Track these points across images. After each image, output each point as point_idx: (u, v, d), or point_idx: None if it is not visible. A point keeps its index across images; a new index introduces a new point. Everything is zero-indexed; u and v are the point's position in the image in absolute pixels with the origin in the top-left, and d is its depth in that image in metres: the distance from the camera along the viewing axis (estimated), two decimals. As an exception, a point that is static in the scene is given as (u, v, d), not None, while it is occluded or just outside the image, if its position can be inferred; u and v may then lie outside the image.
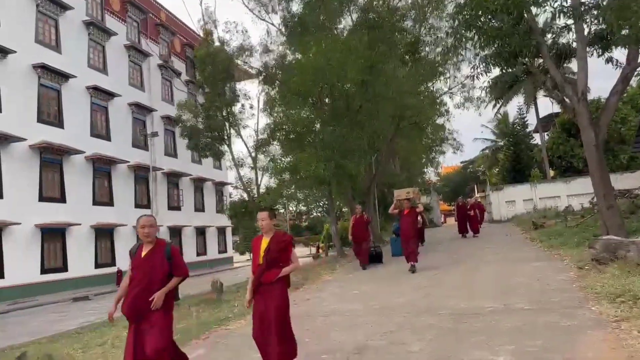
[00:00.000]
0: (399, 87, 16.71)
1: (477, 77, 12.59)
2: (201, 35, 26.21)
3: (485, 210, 23.02)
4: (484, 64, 12.31)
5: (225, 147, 19.64)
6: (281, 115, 17.29)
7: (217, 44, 20.41)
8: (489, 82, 16.53)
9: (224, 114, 17.84)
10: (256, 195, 19.16)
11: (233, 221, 21.72)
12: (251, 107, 20.57)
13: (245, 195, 20.73)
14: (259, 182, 19.56)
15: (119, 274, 25.36)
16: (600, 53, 12.36)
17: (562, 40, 14.07)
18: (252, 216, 18.44)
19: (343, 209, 32.52)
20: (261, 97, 19.42)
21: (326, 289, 10.90)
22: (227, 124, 18.25)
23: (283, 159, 18.21)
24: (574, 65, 24.76)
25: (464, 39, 11.72)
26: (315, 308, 8.27)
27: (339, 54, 14.27)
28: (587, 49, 12.21)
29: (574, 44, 12.48)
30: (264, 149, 19.20)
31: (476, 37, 11.39)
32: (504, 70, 14.72)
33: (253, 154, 19.31)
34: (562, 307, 6.31)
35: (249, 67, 20.00)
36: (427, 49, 20.75)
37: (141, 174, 31.35)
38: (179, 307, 10.00)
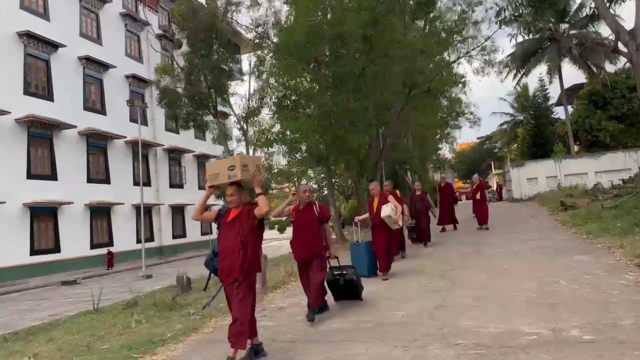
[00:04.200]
0: (409, 46, 14.51)
1: (503, 23, 10.52)
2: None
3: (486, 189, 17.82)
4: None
5: (210, 117, 17.66)
6: (272, 82, 15.23)
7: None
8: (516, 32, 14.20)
9: (208, 78, 15.83)
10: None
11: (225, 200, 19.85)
12: (241, 73, 18.51)
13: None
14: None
15: (110, 256, 24.03)
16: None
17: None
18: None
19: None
20: (252, 60, 17.40)
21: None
22: (212, 91, 16.25)
23: (271, 130, 16.24)
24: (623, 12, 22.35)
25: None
26: (286, 324, 6.20)
27: (336, 2, 12.16)
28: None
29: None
30: (253, 119, 17.14)
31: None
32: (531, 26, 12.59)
33: (243, 125, 17.25)
34: (641, 336, 4.31)
35: (237, 24, 17.98)
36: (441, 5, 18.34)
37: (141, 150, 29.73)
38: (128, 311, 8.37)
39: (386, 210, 8.56)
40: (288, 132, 14.55)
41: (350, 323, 5.97)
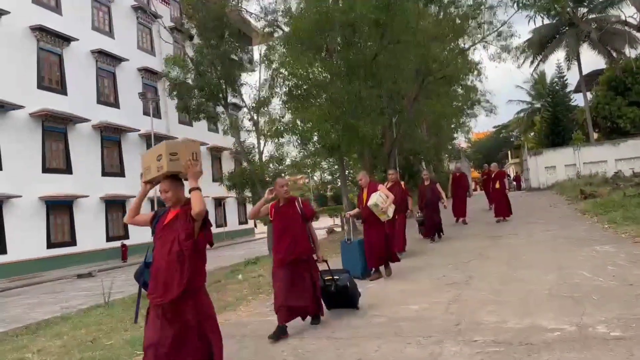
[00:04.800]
0: (422, 32, 14.04)
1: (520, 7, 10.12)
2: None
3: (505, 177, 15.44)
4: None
5: (221, 109, 17.41)
6: (282, 71, 14.90)
7: None
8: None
9: (218, 69, 15.59)
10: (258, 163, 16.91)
11: (237, 193, 19.64)
12: (250, 63, 18.21)
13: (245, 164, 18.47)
14: (261, 149, 17.38)
15: (124, 248, 24.12)
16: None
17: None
18: (254, 187, 16.43)
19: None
20: (262, 49, 17.07)
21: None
22: (222, 81, 16.02)
23: (282, 120, 15.92)
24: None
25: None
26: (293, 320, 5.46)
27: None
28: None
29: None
30: (264, 109, 16.82)
31: None
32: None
33: (254, 115, 16.95)
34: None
35: (247, 13, 17.66)
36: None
37: (155, 142, 29.76)
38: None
39: (373, 198, 7.60)
40: (298, 122, 14.27)
41: (361, 318, 5.70)
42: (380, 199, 7.58)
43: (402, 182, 10.52)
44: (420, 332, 4.79)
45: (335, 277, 5.96)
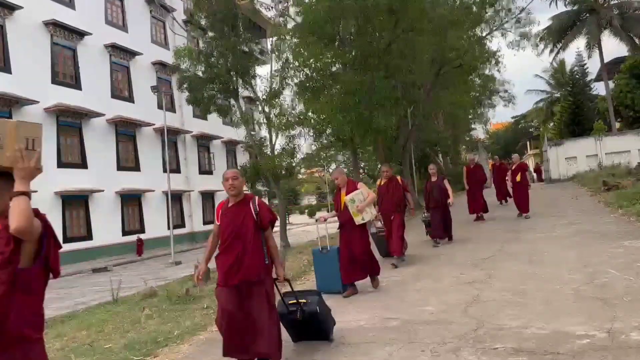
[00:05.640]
0: (438, 19, 13.53)
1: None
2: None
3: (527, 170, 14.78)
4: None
5: (232, 101, 17.11)
6: (294, 62, 14.50)
7: None
8: None
9: (228, 60, 15.29)
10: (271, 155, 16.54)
11: (249, 187, 19.32)
12: (261, 54, 17.87)
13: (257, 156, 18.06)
14: (274, 142, 17.01)
15: (139, 242, 24.15)
16: None
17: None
18: (266, 180, 16.17)
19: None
20: (273, 39, 16.71)
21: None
22: (233, 73, 15.74)
23: (293, 111, 15.53)
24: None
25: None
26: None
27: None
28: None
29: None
30: (275, 100, 16.40)
31: None
32: None
33: (265, 107, 16.60)
34: None
35: (257, 2, 17.28)
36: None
37: (169, 137, 29.66)
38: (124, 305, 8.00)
39: (351, 194, 6.67)
40: (310, 114, 13.92)
41: (372, 320, 5.33)
42: (358, 195, 6.67)
43: (399, 177, 9.09)
44: (436, 338, 4.46)
45: (301, 300, 4.65)
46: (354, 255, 6.68)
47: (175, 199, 29.98)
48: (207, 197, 33.81)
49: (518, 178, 13.53)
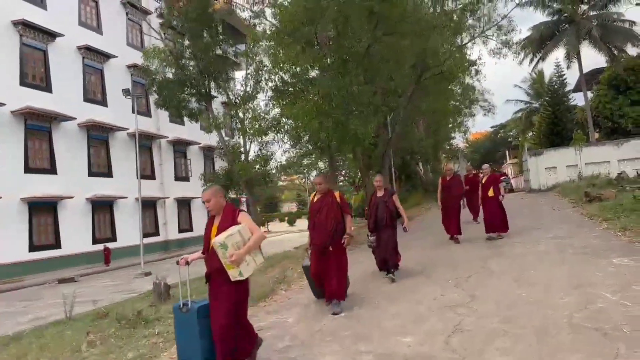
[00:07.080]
0: (419, 22, 13.12)
1: None
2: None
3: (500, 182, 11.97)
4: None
5: (203, 105, 16.49)
6: (268, 65, 13.98)
7: None
8: None
9: (200, 62, 14.70)
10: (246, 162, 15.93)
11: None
12: (235, 57, 17.29)
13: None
14: (247, 148, 16.43)
15: (107, 251, 23.25)
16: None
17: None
18: (239, 188, 15.60)
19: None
20: (247, 42, 16.22)
21: (299, 303, 7.19)
22: (205, 76, 15.14)
23: (267, 116, 14.94)
24: None
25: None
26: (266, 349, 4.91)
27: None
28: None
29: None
30: (248, 105, 15.82)
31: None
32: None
33: (238, 112, 16.02)
34: None
35: (233, 4, 16.76)
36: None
37: (143, 142, 28.84)
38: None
39: (223, 235, 4.25)
40: (284, 119, 13.37)
41: (343, 353, 4.76)
42: (235, 239, 4.28)
43: (337, 193, 6.80)
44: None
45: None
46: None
47: (150, 206, 29.11)
48: (183, 204, 32.99)
49: (490, 192, 11.49)
